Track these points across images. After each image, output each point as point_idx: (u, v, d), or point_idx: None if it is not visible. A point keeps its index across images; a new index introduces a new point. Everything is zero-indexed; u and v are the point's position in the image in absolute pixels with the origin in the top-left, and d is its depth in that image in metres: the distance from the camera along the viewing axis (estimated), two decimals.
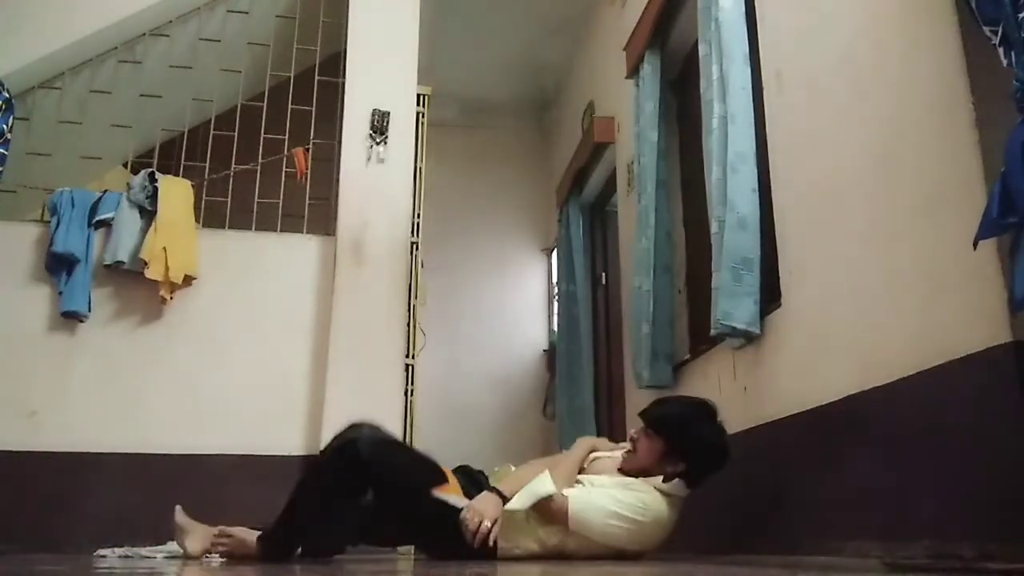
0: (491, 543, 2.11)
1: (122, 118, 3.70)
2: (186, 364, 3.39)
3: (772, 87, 2.58)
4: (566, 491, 2.18)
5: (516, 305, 6.14)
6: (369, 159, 3.69)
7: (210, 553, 2.20)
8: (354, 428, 2.15)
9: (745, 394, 2.64)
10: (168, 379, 3.37)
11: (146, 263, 3.30)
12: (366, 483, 2.13)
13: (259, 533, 2.16)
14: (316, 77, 3.89)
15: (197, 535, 2.23)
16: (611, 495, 2.19)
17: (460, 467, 2.37)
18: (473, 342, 5.90)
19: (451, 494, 2.19)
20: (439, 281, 5.05)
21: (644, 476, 2.26)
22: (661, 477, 2.24)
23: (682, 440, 2.23)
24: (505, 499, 2.17)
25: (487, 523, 2.09)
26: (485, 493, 2.19)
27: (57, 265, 3.34)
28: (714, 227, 2.67)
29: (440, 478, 2.20)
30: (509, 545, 2.16)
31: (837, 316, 2.12)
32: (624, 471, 2.29)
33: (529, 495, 2.15)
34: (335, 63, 3.94)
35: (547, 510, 2.16)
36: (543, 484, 2.17)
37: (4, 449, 3.13)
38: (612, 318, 4.70)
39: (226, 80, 3.86)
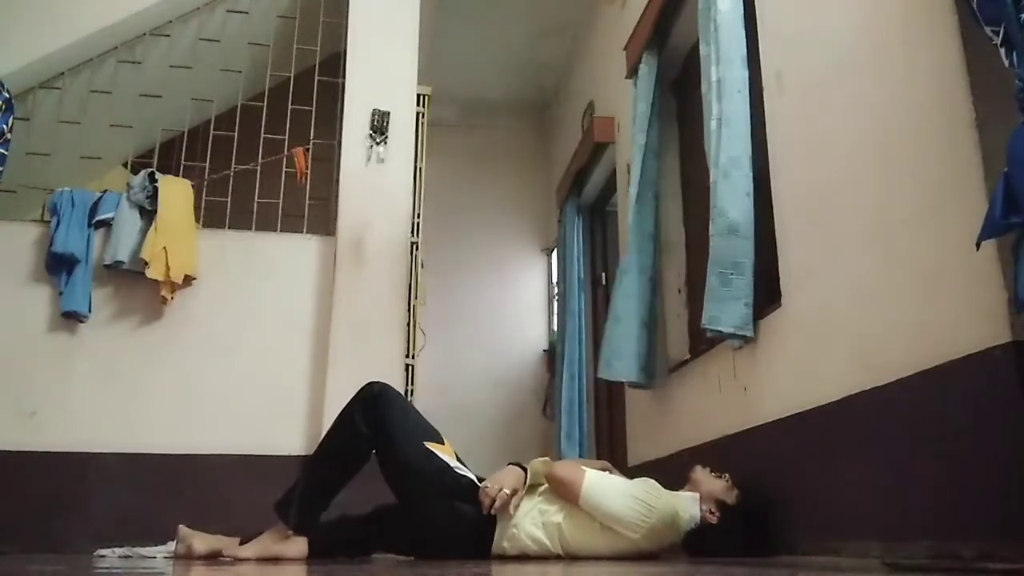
0: (512, 510, 2.19)
1: (122, 118, 3.70)
2: (186, 364, 3.40)
3: (772, 88, 2.58)
4: (584, 468, 2.29)
5: (516, 305, 6.13)
6: (369, 159, 3.69)
7: (220, 556, 2.22)
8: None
9: (745, 394, 2.64)
10: (168, 379, 3.37)
11: (147, 263, 3.30)
12: (374, 422, 2.23)
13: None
14: (316, 77, 3.89)
15: (200, 538, 2.29)
16: (627, 482, 2.31)
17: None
18: (473, 342, 5.89)
19: (443, 452, 2.27)
20: (439, 281, 5.04)
21: (687, 486, 2.35)
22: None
23: (743, 503, 2.30)
24: (527, 473, 2.28)
25: (507, 490, 2.18)
26: (508, 467, 2.28)
27: (57, 265, 3.34)
28: (712, 229, 2.68)
29: (437, 438, 2.31)
30: (506, 523, 2.20)
31: (837, 316, 2.12)
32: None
33: (549, 462, 2.33)
34: (335, 63, 3.94)
35: (561, 480, 2.24)
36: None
37: (4, 449, 3.13)
38: None
39: (226, 80, 3.86)
